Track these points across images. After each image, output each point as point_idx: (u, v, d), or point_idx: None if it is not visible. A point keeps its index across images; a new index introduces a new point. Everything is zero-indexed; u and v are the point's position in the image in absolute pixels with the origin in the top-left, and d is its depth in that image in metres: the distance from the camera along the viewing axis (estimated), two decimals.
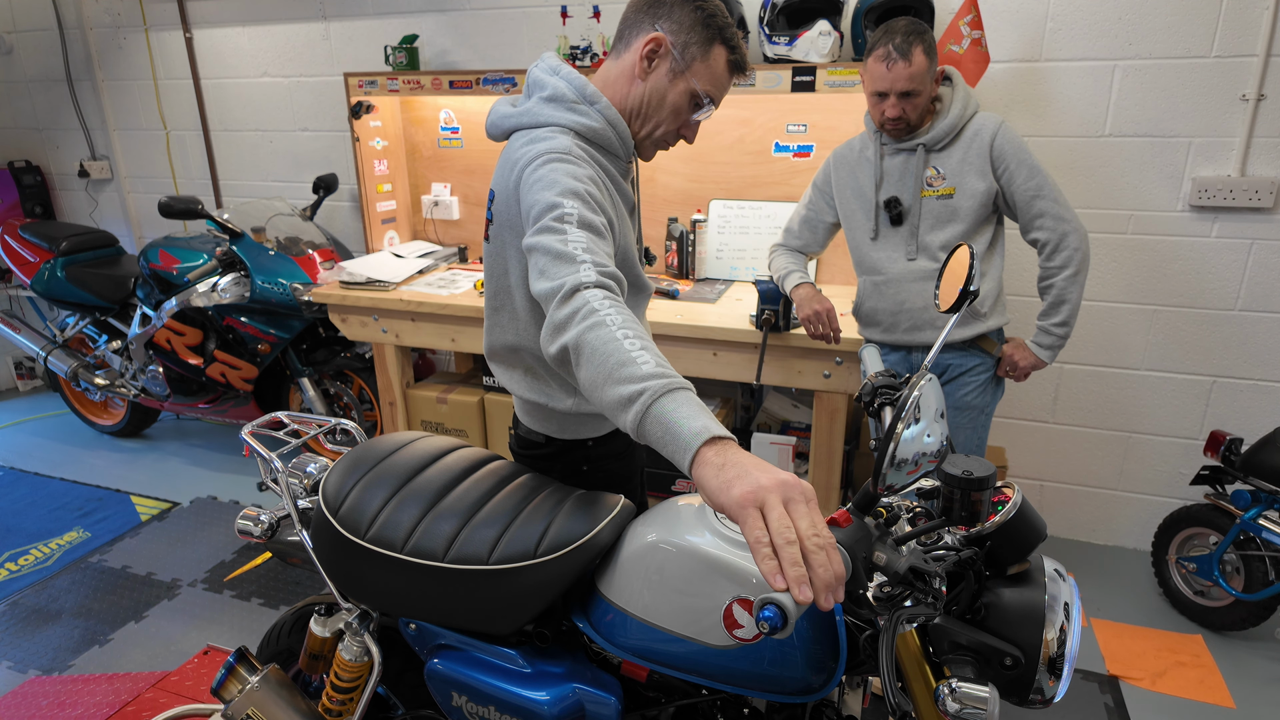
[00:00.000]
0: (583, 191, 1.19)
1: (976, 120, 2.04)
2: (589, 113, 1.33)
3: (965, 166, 2.03)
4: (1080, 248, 2.01)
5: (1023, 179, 2.01)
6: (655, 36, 1.31)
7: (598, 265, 1.08)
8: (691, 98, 1.34)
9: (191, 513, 3.25)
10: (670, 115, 1.36)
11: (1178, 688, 2.28)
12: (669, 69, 1.32)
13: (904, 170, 2.08)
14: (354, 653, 1.39)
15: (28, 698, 2.24)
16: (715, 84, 1.35)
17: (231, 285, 3.15)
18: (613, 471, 1.56)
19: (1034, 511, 0.99)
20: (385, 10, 3.37)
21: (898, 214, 2.09)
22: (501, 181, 1.33)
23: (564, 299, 1.04)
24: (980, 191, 2.03)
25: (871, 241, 2.16)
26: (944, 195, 2.06)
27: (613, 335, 0.97)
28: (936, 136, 2.03)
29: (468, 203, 3.50)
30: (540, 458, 1.53)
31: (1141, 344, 2.77)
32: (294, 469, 1.48)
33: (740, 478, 0.81)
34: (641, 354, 0.95)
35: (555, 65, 1.38)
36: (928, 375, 1.05)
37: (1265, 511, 2.32)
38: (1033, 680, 0.93)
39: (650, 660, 1.13)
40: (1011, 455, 3.05)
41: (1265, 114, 2.46)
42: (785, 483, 0.80)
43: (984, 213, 2.05)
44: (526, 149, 1.27)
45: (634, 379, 0.92)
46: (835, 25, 2.53)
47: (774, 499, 0.79)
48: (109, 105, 4.11)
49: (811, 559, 0.76)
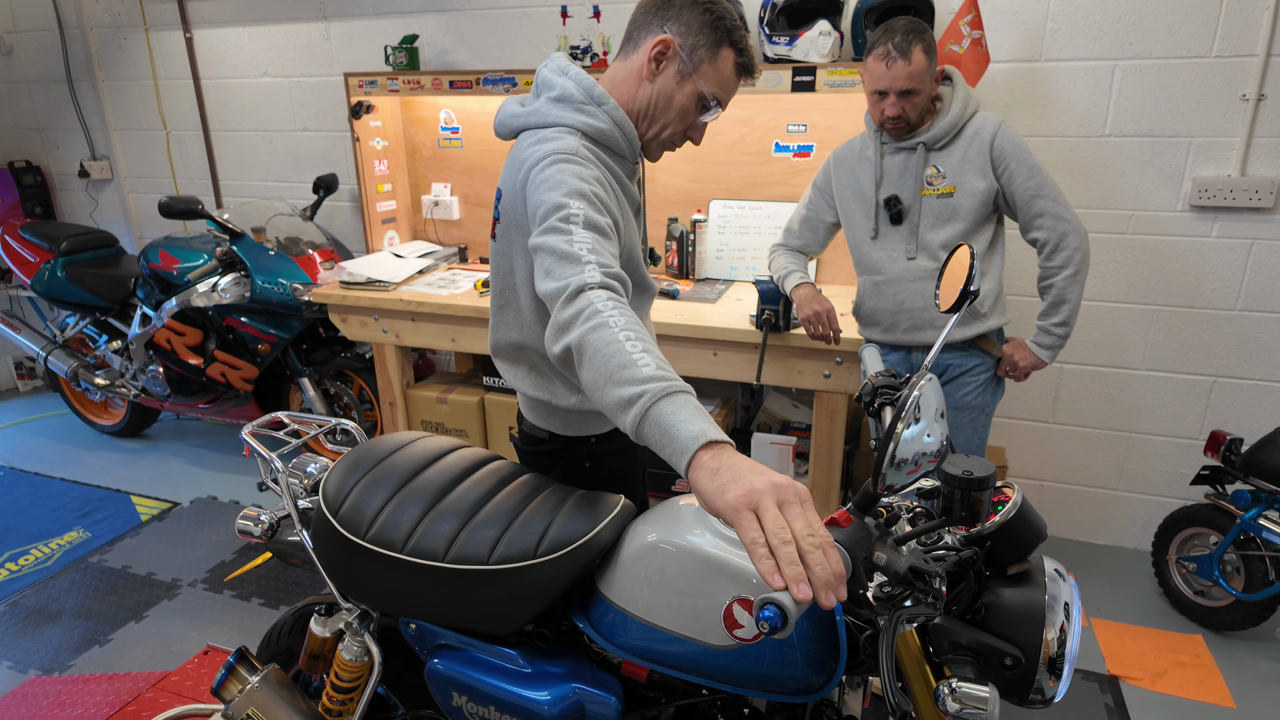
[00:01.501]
0: (589, 192, 1.19)
1: (977, 119, 2.04)
2: (596, 114, 1.33)
3: (965, 165, 2.03)
4: (1080, 247, 2.02)
5: (1023, 178, 2.01)
6: (663, 39, 1.30)
7: (602, 266, 1.08)
8: (699, 100, 1.34)
9: (192, 513, 3.26)
10: (677, 117, 1.36)
11: (1178, 688, 2.28)
12: (677, 71, 1.32)
13: (904, 169, 2.08)
14: (354, 653, 1.39)
15: (28, 698, 2.24)
16: (722, 86, 1.34)
17: (232, 285, 3.15)
18: (615, 469, 1.56)
19: (1034, 511, 0.99)
20: (385, 10, 3.38)
21: (897, 212, 2.09)
22: (509, 181, 1.34)
23: (568, 299, 1.04)
24: (980, 190, 2.03)
25: (872, 241, 2.16)
26: (944, 194, 2.06)
27: (615, 337, 0.97)
28: (937, 135, 2.03)
29: (468, 203, 3.50)
30: (543, 454, 1.53)
31: (1141, 344, 2.78)
32: (294, 469, 1.48)
33: (734, 481, 0.81)
34: (643, 356, 0.95)
35: (564, 66, 1.38)
36: (928, 375, 1.05)
37: (1265, 511, 2.32)
38: (1033, 680, 0.93)
39: (650, 660, 1.13)
40: (1011, 455, 3.05)
41: (1265, 114, 2.46)
42: (779, 485, 0.80)
43: (984, 212, 2.06)
44: (534, 149, 1.28)
45: (634, 381, 0.92)
46: (835, 25, 2.53)
47: (768, 501, 0.79)
48: (109, 105, 4.11)
49: (808, 558, 0.76)
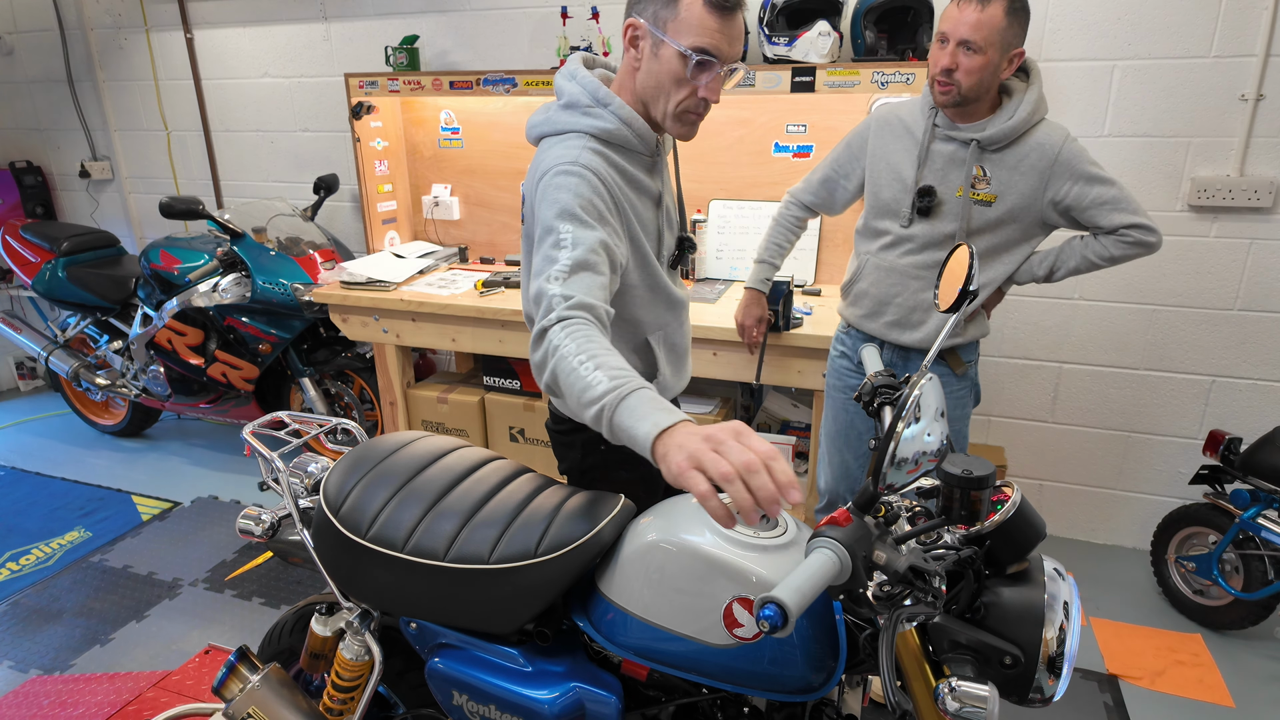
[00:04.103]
0: (578, 209, 1.26)
1: (1042, 129, 1.84)
2: (603, 115, 1.36)
3: (1017, 177, 1.85)
4: (1154, 246, 1.86)
5: (1095, 193, 1.83)
6: (629, 23, 1.34)
7: (566, 298, 1.16)
8: (682, 59, 1.30)
9: (193, 512, 3.26)
10: (672, 85, 1.33)
11: (1177, 687, 2.28)
12: (651, 44, 1.33)
13: (950, 161, 1.90)
14: (355, 652, 1.40)
15: (29, 697, 2.25)
16: (698, 32, 1.27)
17: (232, 285, 3.16)
18: (629, 452, 1.54)
19: (1033, 511, 0.99)
20: (385, 11, 3.38)
21: (927, 206, 1.91)
22: (529, 187, 1.39)
23: (536, 342, 1.16)
24: (1023, 208, 1.87)
25: (901, 229, 1.98)
26: (983, 201, 1.88)
27: (571, 366, 1.06)
28: (995, 136, 1.83)
29: (468, 203, 3.50)
30: (564, 431, 1.60)
31: (1141, 344, 2.78)
32: (295, 469, 1.49)
33: (673, 452, 0.90)
34: (595, 374, 1.03)
35: (573, 70, 1.41)
36: (928, 375, 1.05)
37: (1264, 511, 2.32)
38: (1032, 679, 0.94)
39: (650, 659, 1.13)
40: (1011, 455, 3.05)
41: (1264, 114, 2.47)
42: (709, 434, 0.88)
43: (1018, 231, 1.92)
44: (544, 156, 1.35)
45: (593, 401, 1.01)
46: (835, 26, 2.54)
47: (704, 451, 0.86)
48: (110, 106, 4.12)
49: (751, 482, 0.83)
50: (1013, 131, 1.82)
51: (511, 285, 2.97)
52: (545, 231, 1.25)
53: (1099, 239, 1.90)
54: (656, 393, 1.01)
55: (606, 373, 1.02)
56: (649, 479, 1.51)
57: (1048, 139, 1.84)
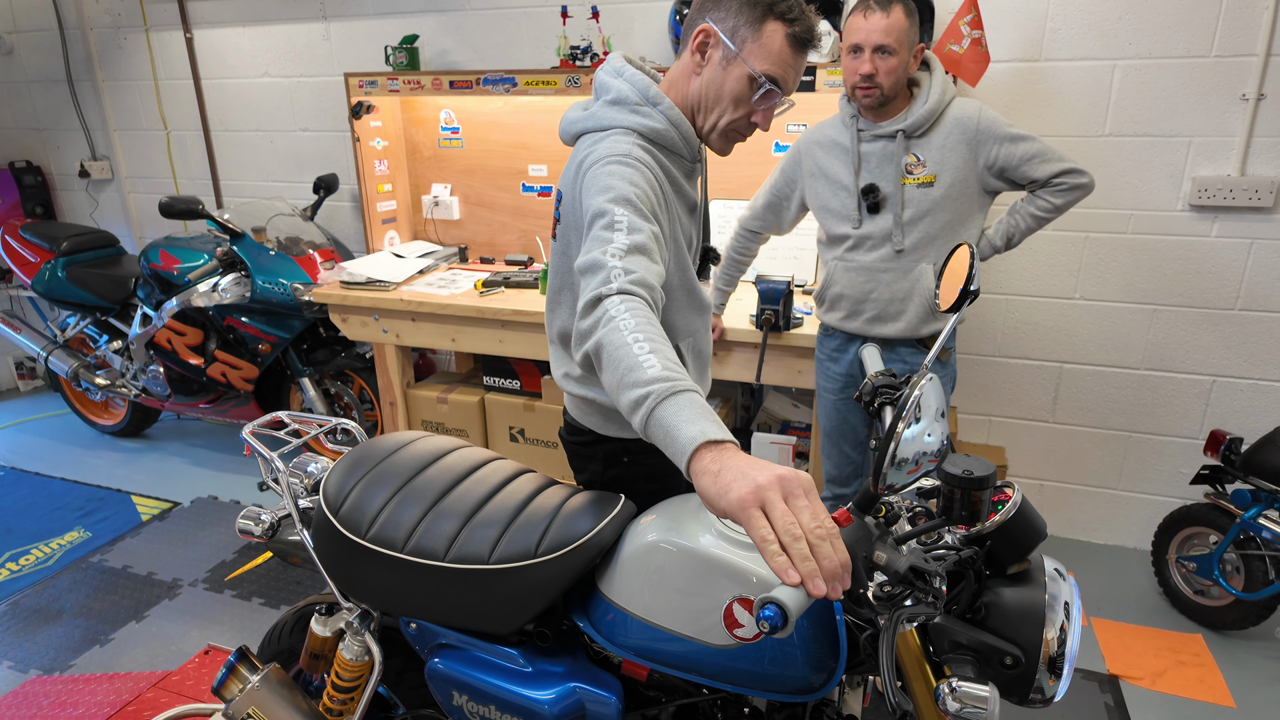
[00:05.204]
0: (634, 198, 1.20)
1: (956, 105, 2.01)
2: (652, 114, 1.34)
3: (947, 153, 2.00)
4: (1089, 189, 2.00)
5: (1021, 151, 1.98)
6: (703, 28, 1.31)
7: (628, 272, 1.08)
8: (750, 81, 1.30)
9: (192, 512, 3.26)
10: (731, 104, 1.33)
11: (1178, 687, 2.28)
12: (721, 57, 1.31)
13: (883, 157, 2.04)
14: (355, 652, 1.39)
15: (29, 697, 2.24)
16: (773, 62, 1.29)
17: (232, 285, 3.16)
18: (652, 466, 1.54)
19: (1034, 511, 0.99)
20: (385, 10, 3.38)
21: (874, 202, 2.05)
22: (567, 183, 1.36)
23: (587, 309, 1.07)
24: (962, 179, 2.00)
25: (853, 229, 2.11)
26: (924, 184, 2.02)
27: (624, 340, 0.98)
28: (916, 122, 1.99)
29: (468, 203, 3.50)
30: (583, 444, 1.56)
31: (1141, 343, 2.78)
32: (295, 469, 1.49)
33: (737, 480, 0.81)
34: (649, 358, 0.95)
35: (619, 67, 1.39)
36: (929, 374, 1.05)
37: (1265, 511, 2.32)
38: (1033, 679, 0.93)
39: (651, 659, 1.13)
40: (1011, 455, 3.05)
41: (1265, 113, 2.46)
42: (783, 478, 0.80)
43: (966, 201, 2.03)
44: (589, 151, 1.30)
45: (640, 383, 0.93)
46: (835, 25, 2.54)
47: (774, 496, 0.79)
48: (109, 105, 4.12)
49: (818, 551, 0.76)
50: (931, 114, 1.99)
51: (512, 285, 2.97)
52: (596, 215, 1.17)
53: (1039, 195, 2.04)
54: (706, 402, 0.95)
55: (661, 359, 0.95)
56: (671, 494, 1.49)
57: (964, 113, 2.00)
